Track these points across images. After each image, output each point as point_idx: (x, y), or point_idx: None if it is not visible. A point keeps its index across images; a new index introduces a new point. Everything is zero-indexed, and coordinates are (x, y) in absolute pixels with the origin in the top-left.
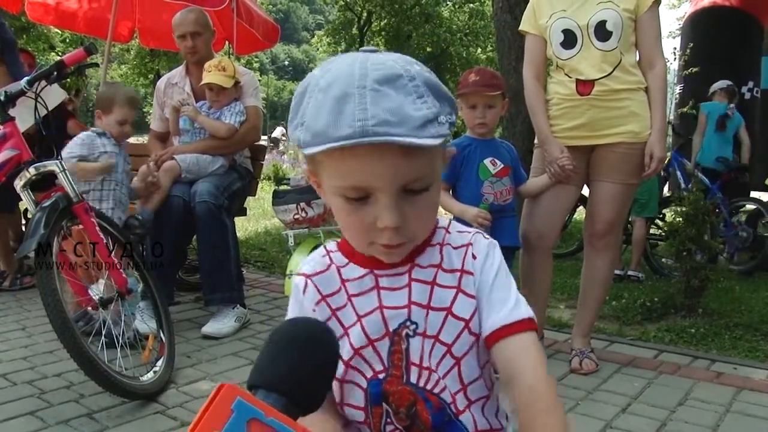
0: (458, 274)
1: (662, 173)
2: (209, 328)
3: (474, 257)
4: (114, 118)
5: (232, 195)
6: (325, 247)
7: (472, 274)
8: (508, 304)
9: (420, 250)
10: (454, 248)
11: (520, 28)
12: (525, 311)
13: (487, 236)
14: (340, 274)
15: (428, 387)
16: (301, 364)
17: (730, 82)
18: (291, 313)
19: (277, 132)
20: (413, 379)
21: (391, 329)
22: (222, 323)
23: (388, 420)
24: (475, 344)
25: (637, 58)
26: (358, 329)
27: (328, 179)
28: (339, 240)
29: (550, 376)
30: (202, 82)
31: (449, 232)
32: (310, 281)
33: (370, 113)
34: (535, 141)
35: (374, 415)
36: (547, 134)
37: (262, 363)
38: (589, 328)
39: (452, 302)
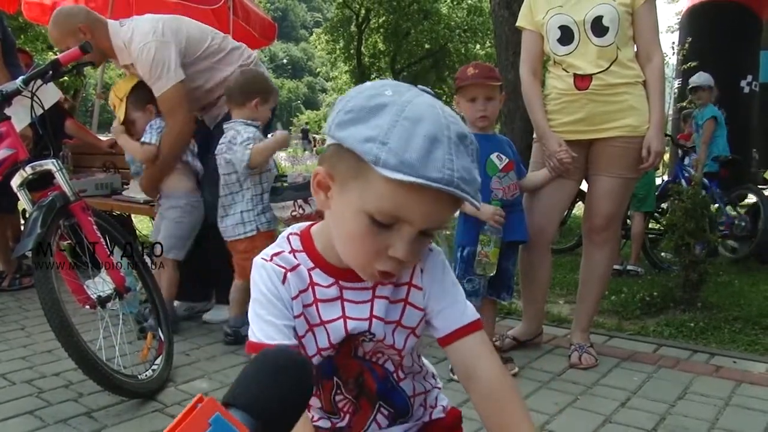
0: (406, 287)
1: (669, 186)
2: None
3: (422, 271)
4: (269, 107)
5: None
6: (289, 241)
7: (420, 288)
8: (458, 308)
9: None
10: None
11: (517, 24)
12: (472, 313)
13: (432, 246)
14: (310, 276)
15: (373, 360)
16: (276, 391)
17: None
18: (262, 297)
19: None
20: (360, 353)
21: (349, 333)
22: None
23: (338, 392)
24: (417, 343)
25: (635, 50)
26: (324, 333)
27: (366, 197)
28: (300, 233)
29: (504, 369)
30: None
31: None
32: (290, 274)
33: (455, 165)
34: (534, 136)
35: (324, 389)
36: (545, 129)
37: (241, 383)
38: (589, 322)
39: (401, 315)
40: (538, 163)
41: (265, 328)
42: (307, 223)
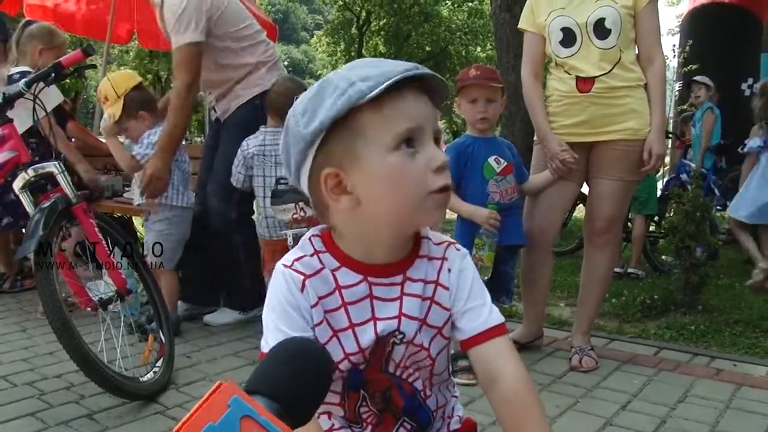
0: (433, 285)
1: (677, 182)
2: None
3: (449, 271)
4: None
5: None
6: (311, 243)
7: (447, 288)
8: (484, 311)
9: (410, 262)
10: (431, 259)
11: (519, 26)
12: (498, 317)
13: (459, 247)
14: (335, 278)
15: (403, 376)
16: (296, 376)
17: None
18: (278, 305)
19: None
20: (391, 369)
21: (379, 336)
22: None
23: (363, 403)
24: (447, 345)
25: (636, 52)
26: (351, 338)
27: (379, 141)
28: (321, 233)
29: (528, 375)
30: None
31: (430, 241)
32: (309, 281)
33: (406, 64)
34: (535, 138)
35: (350, 399)
36: (546, 131)
37: (261, 370)
38: (589, 325)
39: (427, 313)
40: (539, 166)
41: (279, 337)
42: (325, 226)
